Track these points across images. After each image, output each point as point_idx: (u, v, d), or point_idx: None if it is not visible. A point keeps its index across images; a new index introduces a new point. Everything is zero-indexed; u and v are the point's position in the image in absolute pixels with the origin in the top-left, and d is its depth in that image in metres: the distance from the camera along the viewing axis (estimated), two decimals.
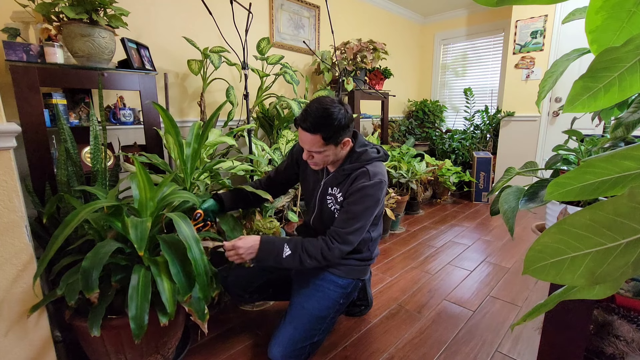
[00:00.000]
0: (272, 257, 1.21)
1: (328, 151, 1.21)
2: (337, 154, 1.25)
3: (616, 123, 0.72)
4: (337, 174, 1.31)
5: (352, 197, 1.24)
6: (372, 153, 1.30)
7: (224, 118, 2.40)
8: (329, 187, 1.34)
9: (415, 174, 3.03)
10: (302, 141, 1.20)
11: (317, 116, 1.14)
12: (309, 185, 1.43)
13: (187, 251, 1.00)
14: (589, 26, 0.40)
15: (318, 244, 1.22)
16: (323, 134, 1.16)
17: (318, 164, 1.27)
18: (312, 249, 1.21)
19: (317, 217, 1.41)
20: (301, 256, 1.21)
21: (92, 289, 0.94)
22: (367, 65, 2.92)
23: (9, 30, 1.47)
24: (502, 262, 2.23)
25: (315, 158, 1.24)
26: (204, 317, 1.08)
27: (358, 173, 1.26)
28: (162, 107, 1.33)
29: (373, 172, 1.24)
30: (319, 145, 1.18)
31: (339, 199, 1.30)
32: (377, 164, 1.29)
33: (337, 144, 1.21)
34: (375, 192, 1.23)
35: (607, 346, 0.81)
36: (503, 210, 0.85)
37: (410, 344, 1.45)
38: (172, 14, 2.23)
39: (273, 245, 1.22)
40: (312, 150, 1.21)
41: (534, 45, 3.31)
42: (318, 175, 1.39)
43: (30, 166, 1.38)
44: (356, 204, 1.22)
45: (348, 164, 1.28)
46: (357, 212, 1.22)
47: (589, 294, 0.42)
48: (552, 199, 0.40)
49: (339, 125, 1.16)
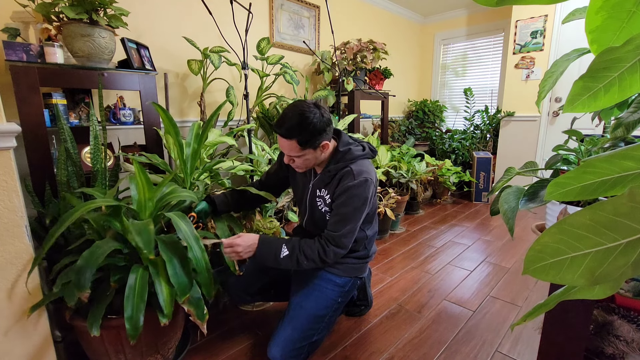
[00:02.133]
0: (270, 256, 1.22)
1: (307, 155, 1.21)
2: (317, 157, 1.24)
3: (616, 123, 0.72)
4: (323, 176, 1.30)
5: (340, 198, 1.23)
6: (357, 151, 1.28)
7: (224, 118, 2.40)
8: (317, 188, 1.34)
9: (415, 174, 3.04)
10: (281, 146, 1.21)
11: (292, 122, 1.14)
12: (299, 188, 1.43)
13: (188, 250, 1.01)
14: (589, 26, 0.40)
15: (315, 246, 1.23)
16: (298, 139, 1.15)
17: (300, 167, 1.27)
18: (309, 250, 1.22)
19: (309, 219, 1.41)
20: (298, 257, 1.21)
21: (83, 287, 0.94)
22: (367, 65, 2.92)
23: (9, 30, 1.47)
24: (502, 262, 2.23)
25: (296, 162, 1.24)
26: (203, 317, 1.08)
27: (343, 173, 1.25)
28: (162, 107, 1.33)
29: (357, 170, 1.23)
30: (296, 150, 1.18)
31: (328, 201, 1.30)
32: (361, 162, 1.28)
33: (315, 147, 1.20)
34: (361, 191, 1.22)
35: (607, 346, 0.81)
36: (503, 210, 0.85)
37: (410, 344, 1.45)
38: (172, 14, 2.24)
39: (271, 245, 1.23)
40: (290, 154, 1.21)
41: (534, 45, 3.31)
42: (306, 177, 1.39)
43: (30, 166, 1.38)
44: (344, 205, 1.22)
45: (332, 164, 1.27)
46: (346, 213, 1.22)
47: (589, 294, 0.42)
48: (552, 199, 0.40)
49: (314, 130, 1.15)
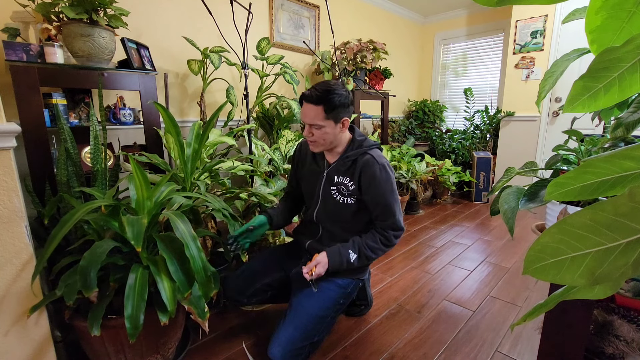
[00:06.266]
0: (342, 264, 1.31)
1: (327, 127, 1.27)
2: (335, 134, 1.30)
3: (616, 123, 0.72)
4: (341, 162, 1.36)
5: (372, 189, 1.31)
6: (371, 141, 1.39)
7: (224, 118, 2.40)
8: (334, 175, 1.38)
9: (415, 174, 3.04)
10: (304, 114, 1.28)
11: (321, 90, 1.24)
12: (310, 179, 1.46)
13: (185, 248, 1.00)
14: (589, 26, 0.40)
15: (376, 238, 1.34)
16: (325, 106, 1.23)
17: (317, 142, 1.31)
18: (373, 244, 1.33)
19: (320, 209, 1.43)
20: (367, 254, 1.32)
21: (90, 287, 0.94)
22: (367, 65, 2.92)
23: (9, 30, 1.47)
24: (502, 262, 2.23)
25: (315, 135, 1.29)
26: (204, 315, 1.08)
27: (365, 160, 1.32)
28: (163, 106, 1.33)
29: (377, 156, 1.34)
30: (321, 118, 1.25)
31: (351, 187, 1.35)
32: (377, 150, 1.38)
33: (337, 120, 1.27)
34: (388, 175, 1.32)
35: (607, 346, 0.81)
36: (503, 210, 0.85)
37: (410, 344, 1.45)
38: (172, 14, 2.23)
39: (339, 254, 1.32)
40: (313, 122, 1.26)
41: (534, 45, 3.31)
42: (318, 167, 1.43)
43: (30, 166, 1.38)
44: (381, 194, 1.31)
45: (350, 150, 1.35)
46: (386, 199, 1.31)
47: (589, 294, 0.42)
48: (552, 199, 0.40)
49: (339, 101, 1.24)
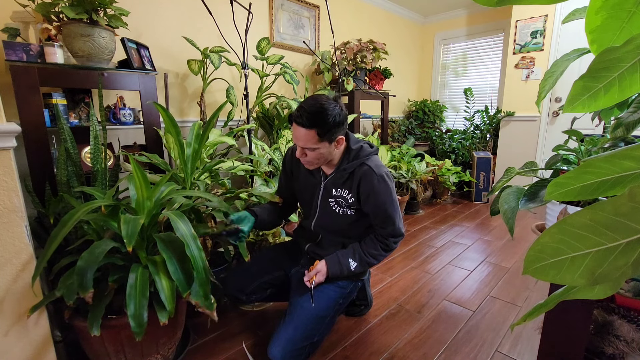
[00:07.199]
0: (343, 272, 1.32)
1: (322, 149, 1.20)
2: (330, 152, 1.24)
3: (616, 123, 0.72)
4: (338, 175, 1.31)
5: (371, 199, 1.27)
6: (367, 148, 1.32)
7: (224, 118, 2.40)
8: (332, 188, 1.34)
9: (415, 174, 3.04)
10: (297, 137, 1.19)
11: (312, 111, 1.13)
12: (306, 190, 1.42)
13: (185, 248, 1.00)
14: (589, 26, 0.40)
15: (376, 244, 1.33)
16: (318, 130, 1.15)
17: (311, 162, 1.26)
18: (374, 251, 1.33)
19: (319, 220, 1.40)
20: (368, 261, 1.32)
21: (86, 288, 0.94)
22: (367, 65, 2.92)
23: (9, 30, 1.47)
24: (502, 262, 2.23)
25: (308, 156, 1.23)
26: (211, 306, 1.08)
27: (363, 172, 1.27)
28: (163, 106, 1.33)
29: (375, 166, 1.28)
30: (314, 142, 1.17)
31: (350, 200, 1.31)
32: (374, 158, 1.32)
33: (331, 141, 1.20)
34: (387, 185, 1.28)
35: (607, 346, 0.81)
36: (503, 210, 0.85)
37: (410, 344, 1.45)
38: (172, 14, 2.23)
39: (339, 263, 1.32)
40: (306, 146, 1.19)
41: (534, 45, 3.31)
42: (315, 178, 1.39)
43: (30, 166, 1.38)
44: (381, 203, 1.27)
45: (347, 162, 1.29)
46: (386, 208, 1.28)
47: (589, 294, 0.42)
48: (552, 199, 0.40)
49: (334, 122, 1.16)
